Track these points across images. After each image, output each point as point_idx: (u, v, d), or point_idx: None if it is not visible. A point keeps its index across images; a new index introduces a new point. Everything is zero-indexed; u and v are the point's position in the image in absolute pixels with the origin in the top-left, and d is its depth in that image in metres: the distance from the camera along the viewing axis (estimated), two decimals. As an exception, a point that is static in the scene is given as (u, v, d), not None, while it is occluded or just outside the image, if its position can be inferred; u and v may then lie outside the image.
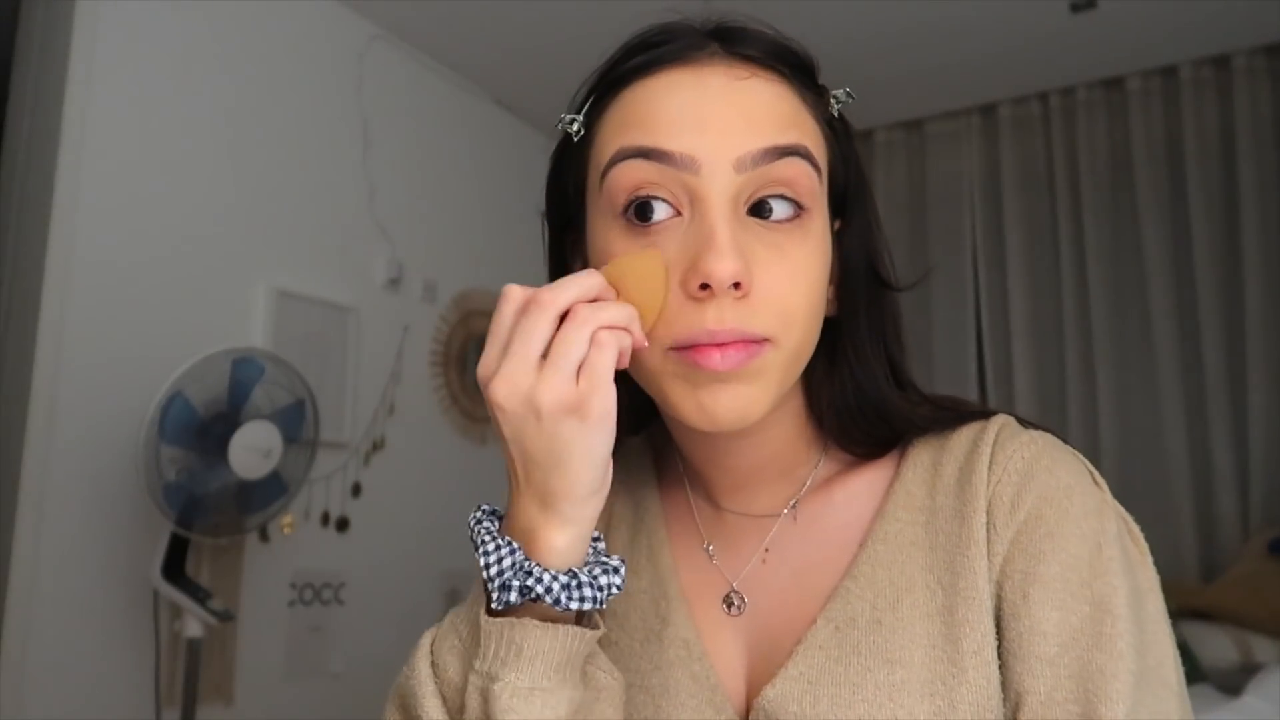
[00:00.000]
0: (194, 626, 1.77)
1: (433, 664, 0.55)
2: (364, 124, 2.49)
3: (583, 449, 0.51)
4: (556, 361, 0.50)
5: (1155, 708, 0.52)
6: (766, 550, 0.64)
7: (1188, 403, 2.69)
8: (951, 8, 2.43)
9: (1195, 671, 1.99)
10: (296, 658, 2.21)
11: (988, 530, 0.57)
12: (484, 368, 0.53)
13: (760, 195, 0.54)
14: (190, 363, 1.70)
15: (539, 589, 0.50)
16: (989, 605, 0.56)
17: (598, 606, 0.52)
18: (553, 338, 0.51)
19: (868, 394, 0.61)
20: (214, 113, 2.11)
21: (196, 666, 1.77)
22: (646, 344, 0.54)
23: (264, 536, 2.12)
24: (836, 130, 0.60)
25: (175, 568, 1.76)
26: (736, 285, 0.53)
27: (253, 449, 1.73)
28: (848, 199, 0.61)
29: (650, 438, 0.74)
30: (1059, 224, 2.92)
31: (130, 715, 1.83)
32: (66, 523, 1.78)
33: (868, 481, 0.63)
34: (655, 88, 0.56)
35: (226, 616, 1.78)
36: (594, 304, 0.52)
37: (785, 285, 0.54)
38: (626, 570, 0.56)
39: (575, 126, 0.60)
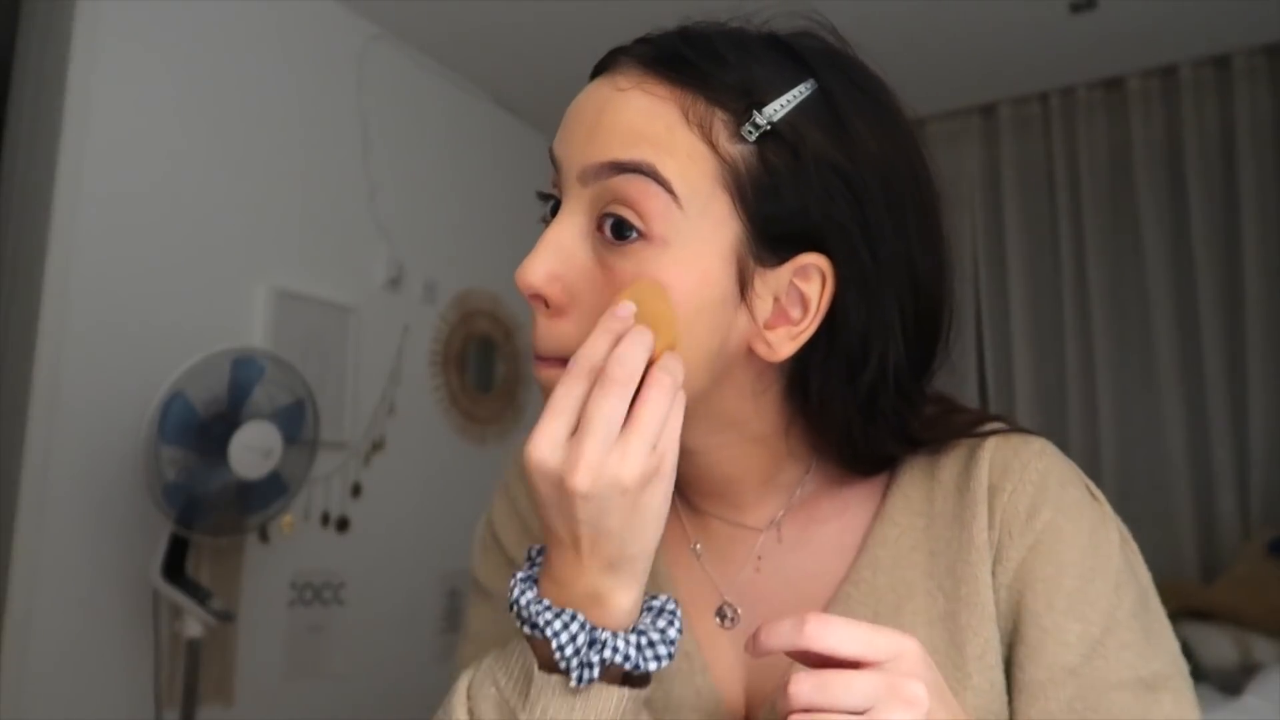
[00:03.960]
0: (194, 626, 1.77)
1: (469, 711, 0.53)
2: (364, 124, 2.49)
3: (660, 509, 0.49)
4: (643, 434, 0.47)
5: (1168, 710, 0.54)
6: (759, 558, 0.63)
7: (1188, 403, 2.68)
8: (951, 8, 2.43)
9: (1195, 671, 1.97)
10: (296, 658, 2.21)
11: (999, 536, 0.57)
12: (546, 449, 0.47)
13: (604, 211, 0.52)
14: (190, 363, 1.70)
15: (616, 658, 0.48)
16: (992, 611, 0.56)
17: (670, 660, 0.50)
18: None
19: (834, 432, 0.57)
20: (214, 112, 2.11)
21: (196, 666, 1.77)
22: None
23: (264, 536, 2.12)
24: (776, 165, 0.52)
25: (175, 568, 1.76)
26: (545, 302, 0.53)
27: (253, 449, 1.73)
28: (800, 242, 0.53)
29: None
30: (1059, 224, 2.92)
31: (130, 715, 1.83)
32: (66, 523, 1.78)
33: (860, 487, 0.62)
34: (578, 96, 0.57)
35: (226, 616, 1.78)
36: (665, 361, 0.50)
37: (600, 312, 0.51)
38: None
39: None
